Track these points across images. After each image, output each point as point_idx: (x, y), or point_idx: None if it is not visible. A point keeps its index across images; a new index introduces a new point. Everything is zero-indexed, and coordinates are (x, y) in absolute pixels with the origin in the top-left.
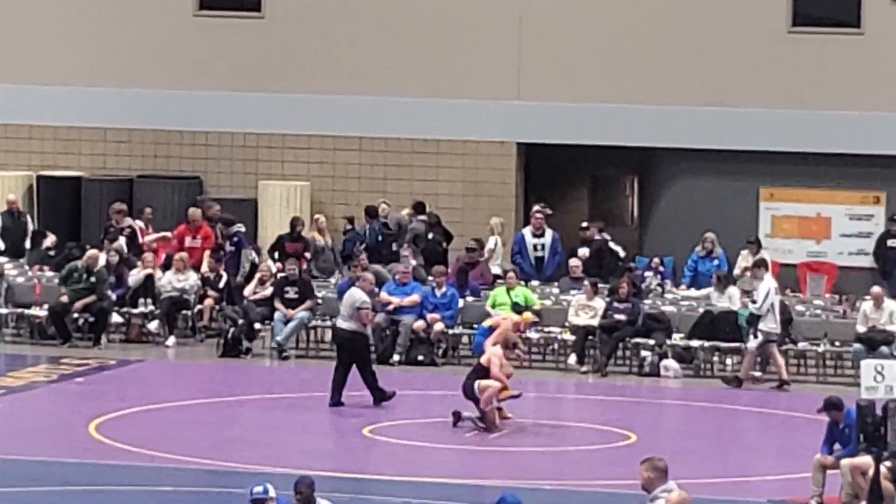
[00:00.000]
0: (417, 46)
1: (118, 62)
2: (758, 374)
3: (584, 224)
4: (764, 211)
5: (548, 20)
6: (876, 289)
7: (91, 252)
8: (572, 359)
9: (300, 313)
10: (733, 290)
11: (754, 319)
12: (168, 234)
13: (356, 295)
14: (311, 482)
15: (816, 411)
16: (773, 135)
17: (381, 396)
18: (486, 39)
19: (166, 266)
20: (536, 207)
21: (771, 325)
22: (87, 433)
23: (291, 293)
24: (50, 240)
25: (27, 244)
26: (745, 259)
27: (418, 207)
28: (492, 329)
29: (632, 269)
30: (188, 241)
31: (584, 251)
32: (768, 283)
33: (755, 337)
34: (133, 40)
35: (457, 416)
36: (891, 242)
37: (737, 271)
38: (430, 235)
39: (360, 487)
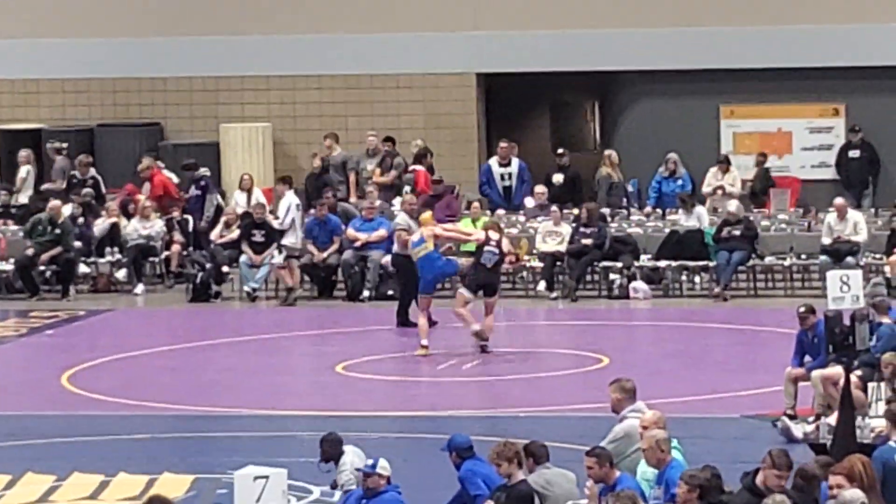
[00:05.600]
0: None
1: (73, 13)
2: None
3: (560, 150)
4: (725, 129)
5: None
6: (839, 200)
7: (53, 203)
8: (541, 285)
9: (269, 257)
10: (701, 210)
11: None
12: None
13: (396, 219)
14: (333, 438)
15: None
16: (730, 52)
17: (403, 321)
18: None
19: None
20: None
21: (292, 239)
22: (60, 385)
23: (258, 236)
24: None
25: None
26: (714, 177)
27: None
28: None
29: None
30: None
31: (558, 177)
32: (290, 198)
33: (279, 252)
34: None
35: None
36: (852, 153)
37: (707, 189)
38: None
39: (335, 425)
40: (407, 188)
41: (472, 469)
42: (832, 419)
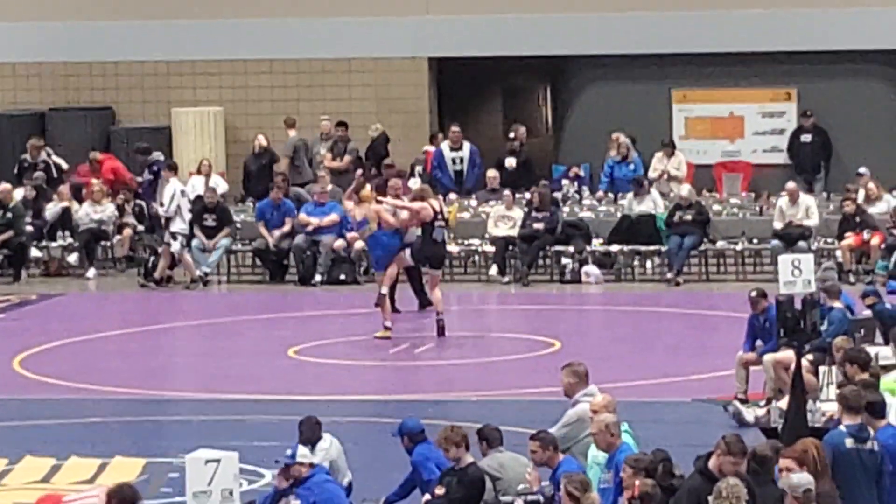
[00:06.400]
0: None
1: None
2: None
3: (512, 134)
4: (677, 113)
5: None
6: (791, 185)
7: (4, 186)
8: (493, 270)
9: (221, 241)
10: (656, 194)
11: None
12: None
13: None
14: (313, 422)
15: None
16: (683, 36)
17: (424, 302)
18: None
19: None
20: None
21: (180, 225)
22: (11, 368)
23: (210, 220)
24: None
25: None
26: (660, 161)
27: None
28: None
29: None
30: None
31: (510, 161)
32: (174, 185)
33: (174, 239)
34: None
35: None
36: (804, 138)
37: (653, 174)
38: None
39: (287, 409)
40: (419, 168)
41: (424, 454)
42: (783, 403)
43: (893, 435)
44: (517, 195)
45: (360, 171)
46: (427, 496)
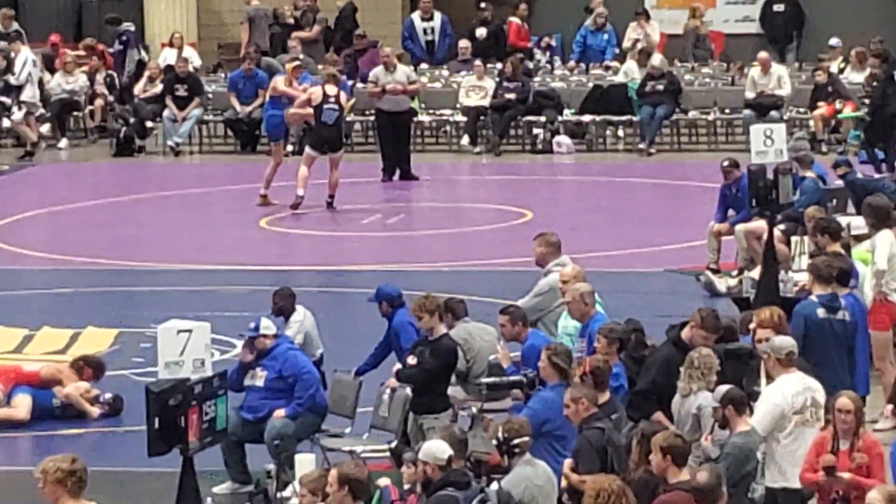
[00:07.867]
0: None
1: None
2: None
3: (482, 4)
4: None
5: None
6: (763, 54)
7: None
8: (465, 140)
9: (192, 111)
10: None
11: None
12: None
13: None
14: (287, 293)
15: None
16: None
17: (389, 177)
18: None
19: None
20: None
21: (30, 94)
22: None
23: (181, 90)
24: None
25: None
26: (634, 31)
27: None
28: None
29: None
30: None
31: (481, 31)
32: (25, 54)
33: (19, 109)
34: None
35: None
36: (776, 7)
37: (627, 44)
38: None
39: (259, 279)
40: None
41: (406, 319)
42: (755, 273)
43: (853, 304)
44: (488, 65)
45: None
46: (398, 365)
